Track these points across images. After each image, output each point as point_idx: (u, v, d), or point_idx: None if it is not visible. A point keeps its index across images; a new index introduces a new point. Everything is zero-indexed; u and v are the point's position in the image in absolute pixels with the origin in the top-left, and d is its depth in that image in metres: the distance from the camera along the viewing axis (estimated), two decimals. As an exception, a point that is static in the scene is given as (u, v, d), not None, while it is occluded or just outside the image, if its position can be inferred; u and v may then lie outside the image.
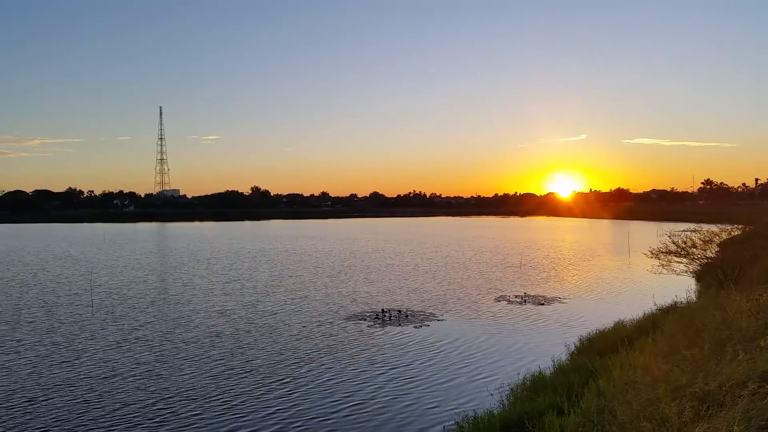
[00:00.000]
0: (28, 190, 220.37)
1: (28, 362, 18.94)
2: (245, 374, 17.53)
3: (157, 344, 21.22)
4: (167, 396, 15.58)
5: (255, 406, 14.84)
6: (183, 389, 16.11)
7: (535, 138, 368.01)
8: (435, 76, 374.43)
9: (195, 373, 17.61)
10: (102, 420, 13.87)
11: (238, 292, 33.24)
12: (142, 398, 15.38)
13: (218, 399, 15.36)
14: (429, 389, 16.24)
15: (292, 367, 18.33)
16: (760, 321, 9.31)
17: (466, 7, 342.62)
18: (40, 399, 15.38)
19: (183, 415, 14.22)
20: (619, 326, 19.61)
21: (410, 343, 21.43)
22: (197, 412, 14.38)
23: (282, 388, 16.25)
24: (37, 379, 17.11)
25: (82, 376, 17.35)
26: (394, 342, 21.63)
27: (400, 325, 24.53)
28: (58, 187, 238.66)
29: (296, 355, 19.75)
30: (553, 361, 16.77)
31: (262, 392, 15.91)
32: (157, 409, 14.67)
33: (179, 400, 15.24)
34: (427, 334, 22.79)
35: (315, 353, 19.95)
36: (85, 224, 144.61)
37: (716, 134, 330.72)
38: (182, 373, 17.60)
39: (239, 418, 14.12)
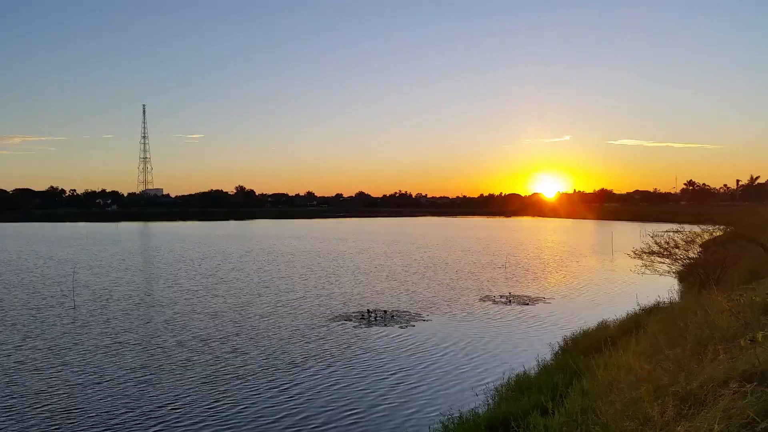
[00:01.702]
0: (9, 188, 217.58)
1: (6, 368, 18.34)
2: (231, 378, 17.35)
3: (142, 348, 20.84)
4: (152, 402, 15.35)
5: (242, 411, 14.66)
6: (168, 395, 15.86)
7: (519, 139, 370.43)
8: (421, 77, 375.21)
9: (181, 378, 17.34)
10: (84, 430, 13.47)
11: (224, 294, 32.95)
12: (126, 405, 15.08)
13: (205, 404, 15.16)
14: (414, 390, 16.25)
15: (279, 370, 18.21)
16: (740, 321, 9.43)
17: (451, 8, 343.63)
18: (18, 407, 14.82)
19: (170, 421, 14.06)
20: (603, 326, 19.78)
21: (395, 344, 21.43)
22: (183, 419, 14.16)
23: (268, 393, 16.12)
24: (15, 386, 16.48)
25: (64, 383, 16.86)
26: (378, 343, 21.63)
27: (385, 325, 24.53)
28: (40, 185, 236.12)
29: (282, 358, 19.62)
30: (538, 361, 16.89)
31: (248, 396, 15.75)
32: (143, 416, 14.46)
33: (165, 406, 15.03)
34: (412, 335, 22.82)
35: (301, 355, 19.87)
36: (67, 223, 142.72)
37: (699, 136, 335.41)
38: (168, 379, 17.32)
39: (225, 422, 13.99)
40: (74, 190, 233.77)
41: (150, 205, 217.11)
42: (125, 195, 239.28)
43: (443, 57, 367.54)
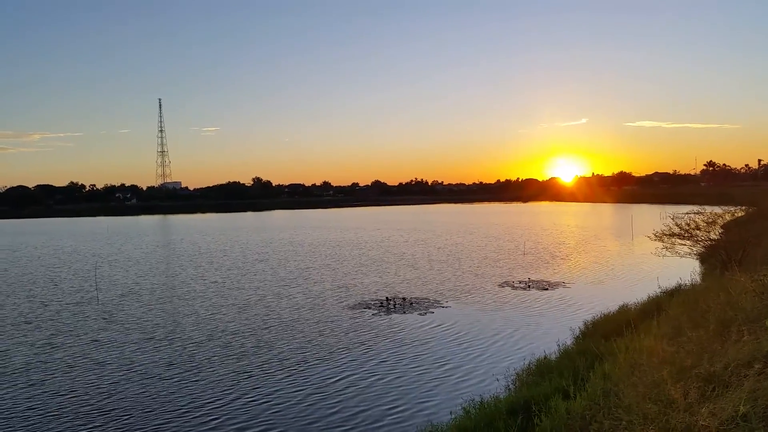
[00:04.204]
0: (30, 185, 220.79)
1: (38, 366, 18.41)
2: (266, 374, 17.07)
3: (173, 343, 20.72)
4: (187, 399, 15.36)
5: (283, 409, 14.37)
6: (203, 391, 15.80)
7: (535, 123, 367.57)
8: (435, 64, 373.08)
9: (213, 374, 17.25)
10: (121, 428, 13.35)
11: (250, 286, 32.82)
12: (161, 402, 15.07)
13: (241, 400, 15.03)
14: (435, 375, 16.34)
15: (311, 364, 18.13)
16: (764, 301, 9.32)
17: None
18: (52, 405, 14.82)
19: (207, 418, 14.12)
20: (624, 309, 19.68)
21: (415, 331, 21.52)
22: (220, 417, 14.01)
23: (305, 388, 16.11)
24: (48, 384, 16.49)
25: (99, 379, 16.90)
26: (399, 330, 21.72)
27: (404, 313, 24.62)
28: (60, 181, 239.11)
29: (313, 351, 19.41)
30: (559, 345, 16.86)
31: (284, 392, 15.55)
32: (179, 413, 14.51)
33: (200, 403, 15.13)
34: (431, 321, 22.88)
35: (331, 347, 19.82)
36: (87, 218, 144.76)
37: (718, 116, 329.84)
38: (200, 374, 17.33)
39: (267, 419, 13.97)
40: (94, 185, 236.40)
41: (169, 198, 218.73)
42: (144, 189, 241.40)
43: (458, 43, 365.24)
